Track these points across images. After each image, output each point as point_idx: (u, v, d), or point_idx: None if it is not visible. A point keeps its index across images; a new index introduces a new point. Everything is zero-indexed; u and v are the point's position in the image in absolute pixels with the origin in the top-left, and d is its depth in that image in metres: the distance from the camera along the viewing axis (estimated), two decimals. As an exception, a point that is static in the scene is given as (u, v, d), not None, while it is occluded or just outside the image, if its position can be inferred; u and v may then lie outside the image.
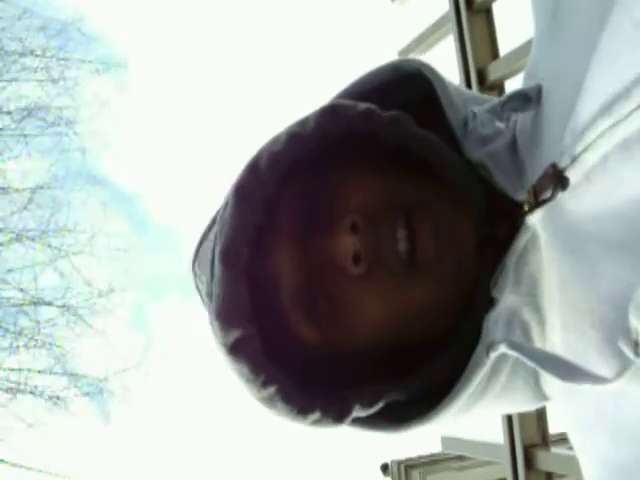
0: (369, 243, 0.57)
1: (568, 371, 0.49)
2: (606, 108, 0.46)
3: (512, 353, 0.53)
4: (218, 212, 0.68)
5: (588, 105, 0.48)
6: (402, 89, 0.66)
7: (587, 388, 0.48)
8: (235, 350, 0.57)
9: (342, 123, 0.60)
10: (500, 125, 0.61)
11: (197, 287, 0.68)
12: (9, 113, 8.71)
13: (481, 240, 0.58)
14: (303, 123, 0.60)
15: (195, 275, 0.67)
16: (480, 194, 0.59)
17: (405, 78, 0.65)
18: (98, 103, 9.24)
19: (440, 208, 0.58)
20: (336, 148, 0.62)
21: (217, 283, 0.58)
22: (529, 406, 0.64)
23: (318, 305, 0.59)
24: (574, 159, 0.48)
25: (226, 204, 0.60)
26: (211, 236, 0.65)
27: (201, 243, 0.68)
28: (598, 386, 0.47)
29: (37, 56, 8.99)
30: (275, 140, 0.60)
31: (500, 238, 0.57)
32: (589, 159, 0.48)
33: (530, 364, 0.52)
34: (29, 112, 8.80)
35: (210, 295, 0.59)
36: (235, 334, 0.57)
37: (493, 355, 0.54)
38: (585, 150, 0.48)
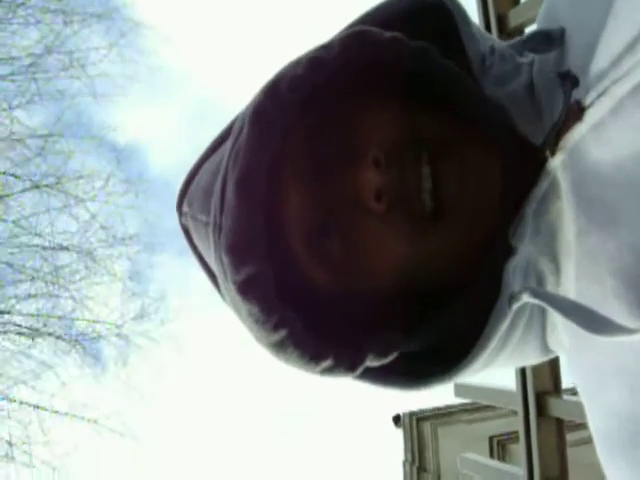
0: (392, 180, 0.53)
1: (595, 322, 0.46)
2: None
3: (535, 301, 0.51)
4: (213, 144, 0.64)
5: (622, 32, 0.45)
6: (417, 22, 0.62)
7: (602, 340, 0.46)
8: (246, 288, 0.53)
9: (369, 48, 0.56)
10: (522, 60, 0.59)
11: (183, 226, 0.64)
12: (19, 59, 8.67)
13: (506, 184, 0.55)
14: (327, 47, 0.57)
15: (181, 214, 0.63)
16: (506, 135, 0.56)
17: (419, 12, 0.61)
18: (104, 48, 9.18)
19: (466, 146, 0.55)
20: (359, 77, 0.58)
21: (229, 214, 0.53)
22: (535, 360, 0.63)
23: (333, 243, 0.56)
24: (602, 94, 0.46)
25: (241, 128, 0.56)
26: (207, 166, 0.61)
27: (192, 177, 0.63)
28: (617, 338, 0.45)
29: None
30: (296, 64, 0.56)
31: (525, 183, 0.54)
32: (618, 91, 0.45)
33: (556, 312, 0.50)
34: (38, 57, 8.74)
35: (219, 228, 0.55)
36: (247, 271, 0.53)
37: (516, 306, 0.52)
38: (614, 83, 0.45)
